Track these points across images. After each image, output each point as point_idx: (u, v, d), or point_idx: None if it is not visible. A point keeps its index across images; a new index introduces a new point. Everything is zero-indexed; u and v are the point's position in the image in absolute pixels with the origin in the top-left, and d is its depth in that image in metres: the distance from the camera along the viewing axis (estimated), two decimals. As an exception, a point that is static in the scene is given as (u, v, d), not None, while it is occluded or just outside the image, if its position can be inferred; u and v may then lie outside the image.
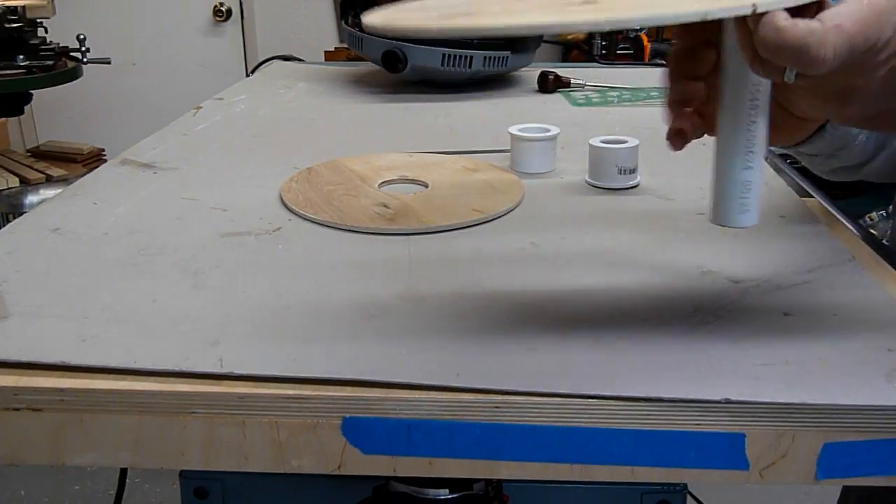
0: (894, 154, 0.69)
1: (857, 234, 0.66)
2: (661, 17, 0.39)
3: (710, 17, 0.38)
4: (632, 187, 0.77)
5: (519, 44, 1.23)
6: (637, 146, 0.77)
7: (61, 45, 2.08)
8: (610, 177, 0.76)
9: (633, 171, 0.77)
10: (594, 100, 1.16)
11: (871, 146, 0.68)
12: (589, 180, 0.78)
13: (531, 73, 1.29)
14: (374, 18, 0.48)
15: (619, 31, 2.01)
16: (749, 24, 0.42)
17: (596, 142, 0.78)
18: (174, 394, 0.45)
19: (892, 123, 0.49)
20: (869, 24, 0.41)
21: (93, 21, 2.73)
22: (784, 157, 0.88)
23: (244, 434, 0.45)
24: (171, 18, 2.94)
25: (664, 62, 0.56)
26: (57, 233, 0.66)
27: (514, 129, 0.83)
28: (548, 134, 0.82)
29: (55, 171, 2.15)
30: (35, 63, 1.99)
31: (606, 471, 0.45)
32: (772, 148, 0.89)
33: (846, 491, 0.88)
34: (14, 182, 2.09)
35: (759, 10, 0.39)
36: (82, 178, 0.81)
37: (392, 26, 0.46)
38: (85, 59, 2.11)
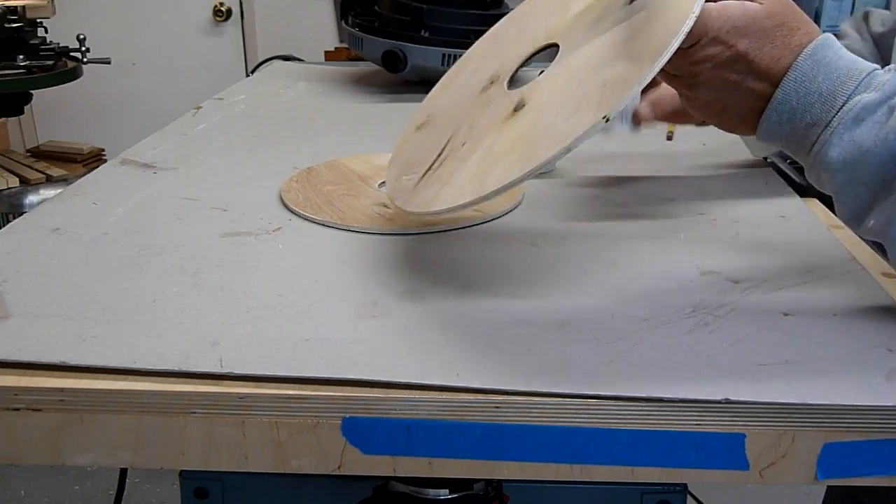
0: None
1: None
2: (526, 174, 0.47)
3: (574, 147, 0.46)
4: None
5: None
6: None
7: (61, 45, 2.08)
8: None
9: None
10: (594, 100, 1.16)
11: None
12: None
13: (531, 72, 1.29)
14: (390, 179, 0.61)
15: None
16: None
17: None
18: (174, 394, 0.45)
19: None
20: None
21: (93, 21, 2.73)
22: (784, 157, 0.88)
23: (244, 434, 0.45)
24: (171, 18, 2.93)
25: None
26: (57, 233, 0.66)
27: None
28: None
29: (55, 171, 2.15)
30: (35, 63, 1.99)
31: (606, 471, 0.45)
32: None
33: (831, 491, 0.88)
34: (14, 182, 2.09)
35: (610, 119, 0.46)
36: (82, 178, 0.81)
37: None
38: (85, 59, 2.10)
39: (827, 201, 0.74)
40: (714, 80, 0.51)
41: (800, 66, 0.50)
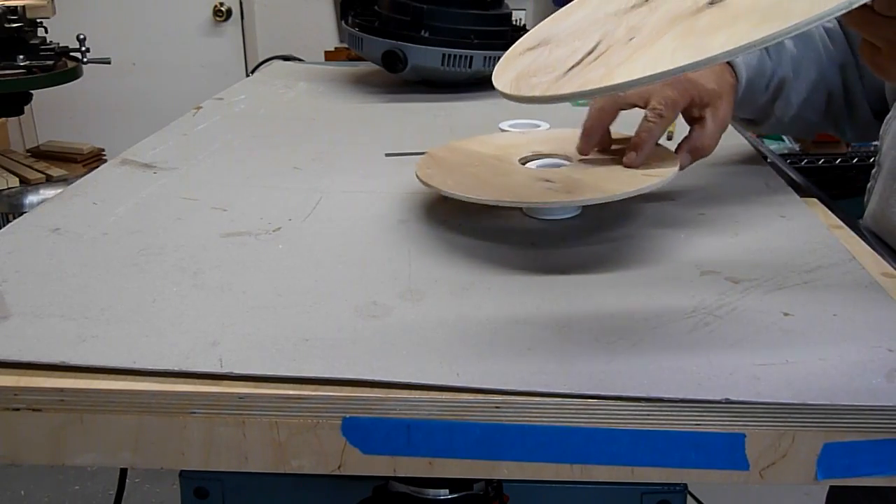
0: (789, 110, 0.80)
1: (857, 233, 0.66)
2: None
3: None
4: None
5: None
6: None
7: (61, 45, 2.08)
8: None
9: None
10: (594, 100, 1.16)
11: (767, 102, 0.78)
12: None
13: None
14: (503, 84, 0.53)
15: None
16: None
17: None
18: (174, 394, 0.45)
19: None
20: None
21: (93, 21, 2.73)
22: (785, 157, 0.88)
23: (244, 434, 0.45)
24: (171, 18, 2.93)
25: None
26: (57, 233, 0.66)
27: (504, 125, 0.83)
28: (536, 130, 0.82)
29: (55, 171, 2.15)
30: (35, 63, 1.99)
31: (606, 471, 0.45)
32: (771, 147, 0.89)
33: (833, 491, 0.88)
34: (14, 182, 2.09)
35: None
36: (82, 178, 0.81)
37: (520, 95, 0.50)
38: (85, 59, 2.10)
39: (827, 201, 0.74)
40: None
41: None
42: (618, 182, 0.63)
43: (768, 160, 0.85)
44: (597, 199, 0.60)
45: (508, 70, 0.57)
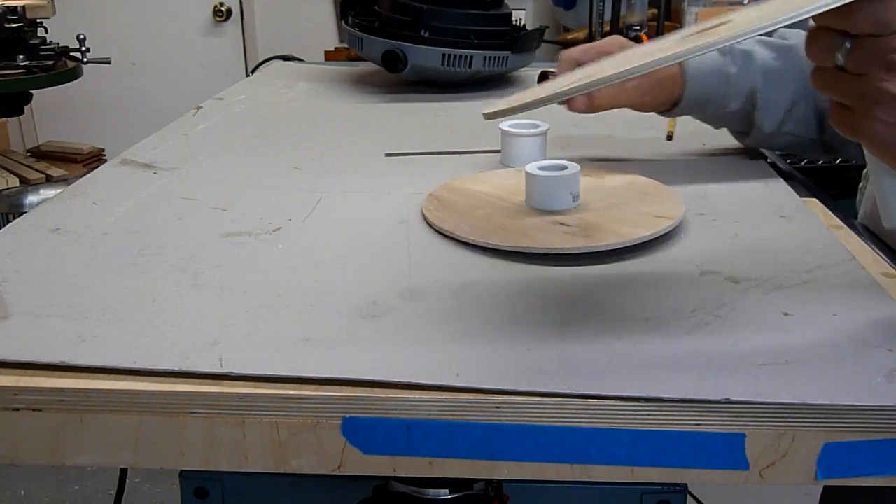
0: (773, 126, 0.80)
1: (857, 233, 0.66)
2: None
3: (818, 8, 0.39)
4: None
5: (519, 44, 1.22)
6: (578, 171, 0.70)
7: (61, 45, 2.08)
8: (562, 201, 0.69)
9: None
10: (594, 100, 1.16)
11: (745, 116, 0.80)
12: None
13: (531, 72, 1.29)
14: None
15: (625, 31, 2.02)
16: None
17: (533, 168, 0.70)
18: (174, 394, 0.45)
19: None
20: None
21: (93, 21, 2.73)
22: (785, 157, 0.88)
23: (244, 434, 0.45)
24: (171, 18, 2.93)
25: None
26: (57, 233, 0.66)
27: (504, 125, 0.83)
28: (537, 129, 0.83)
29: (55, 171, 2.15)
30: (35, 63, 1.99)
31: (606, 471, 0.45)
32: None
33: (827, 491, 0.88)
34: (14, 182, 2.09)
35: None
36: (82, 178, 0.81)
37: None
38: (85, 59, 2.10)
39: (826, 201, 0.74)
40: None
41: None
42: (630, 225, 0.64)
43: (768, 160, 0.85)
44: (616, 244, 0.61)
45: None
